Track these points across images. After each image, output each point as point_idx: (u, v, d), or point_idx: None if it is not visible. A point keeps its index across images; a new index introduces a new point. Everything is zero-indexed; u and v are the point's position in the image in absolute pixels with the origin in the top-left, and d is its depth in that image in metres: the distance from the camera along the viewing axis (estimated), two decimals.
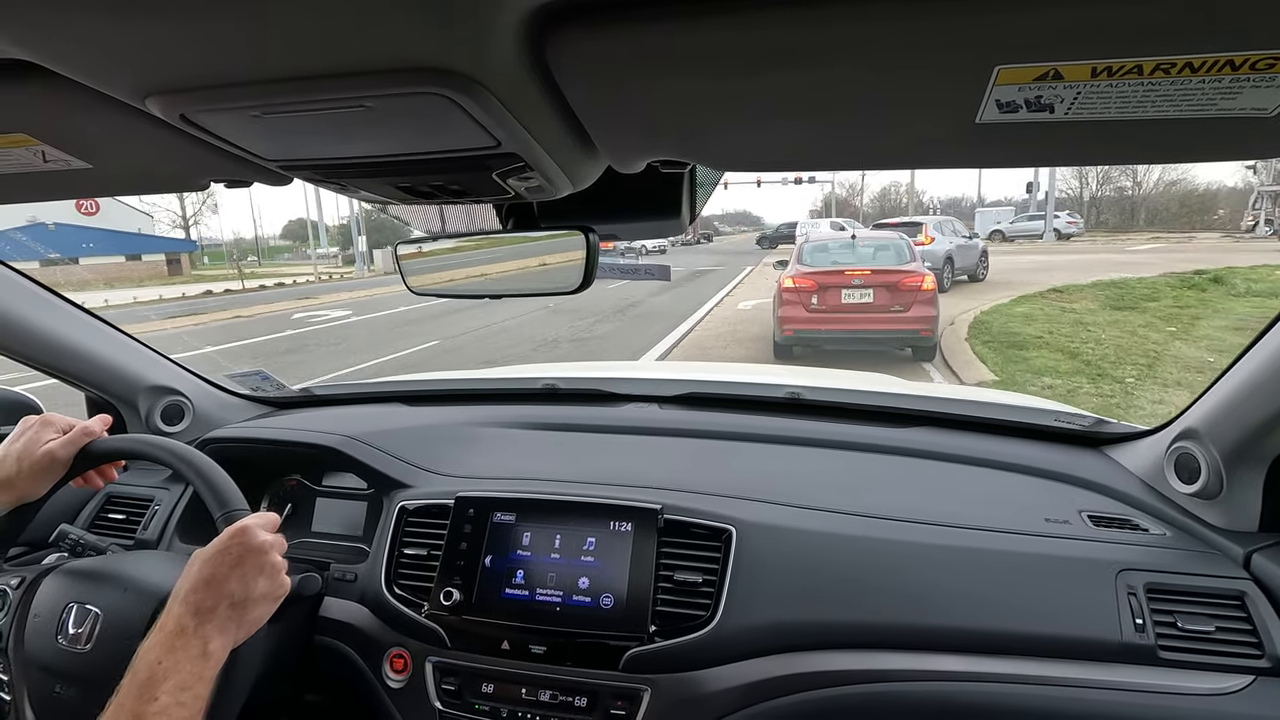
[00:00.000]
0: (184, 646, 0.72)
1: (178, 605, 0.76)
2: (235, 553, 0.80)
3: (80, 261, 26.77)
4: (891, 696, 0.95)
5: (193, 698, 0.70)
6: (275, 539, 0.85)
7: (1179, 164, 33.22)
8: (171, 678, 0.70)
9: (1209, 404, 1.05)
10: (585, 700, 1.00)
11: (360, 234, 30.01)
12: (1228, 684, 0.89)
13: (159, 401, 1.49)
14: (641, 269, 1.84)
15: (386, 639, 1.11)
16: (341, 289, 20.41)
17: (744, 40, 0.42)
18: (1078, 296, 11.23)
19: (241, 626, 0.79)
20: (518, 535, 1.10)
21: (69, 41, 0.42)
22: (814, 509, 1.11)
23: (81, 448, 0.97)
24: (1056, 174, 32.04)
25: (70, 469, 0.97)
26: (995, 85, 0.44)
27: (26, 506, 0.98)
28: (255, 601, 0.80)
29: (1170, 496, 1.12)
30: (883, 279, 6.95)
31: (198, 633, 0.74)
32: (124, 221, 31.34)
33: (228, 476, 0.94)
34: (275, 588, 0.82)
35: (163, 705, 0.68)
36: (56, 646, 0.91)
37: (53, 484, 0.97)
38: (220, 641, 0.75)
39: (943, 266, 12.19)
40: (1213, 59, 0.40)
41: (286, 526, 1.37)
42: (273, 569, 0.82)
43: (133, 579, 0.97)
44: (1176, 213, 40.82)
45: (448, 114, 0.48)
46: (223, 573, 0.78)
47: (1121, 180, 44.14)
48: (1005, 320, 9.20)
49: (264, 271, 31.92)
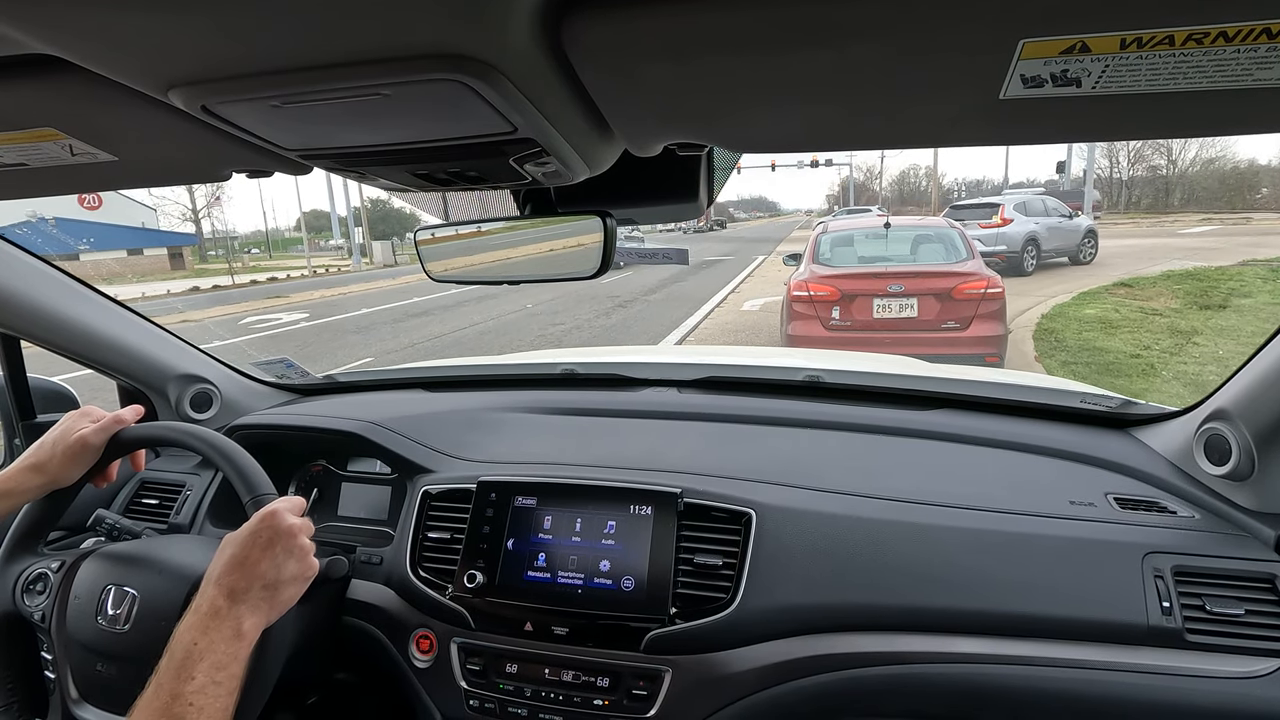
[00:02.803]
0: (218, 627, 0.75)
1: (211, 588, 0.78)
2: (265, 536, 0.82)
3: (81, 257, 26.46)
4: (912, 678, 0.95)
5: (228, 676, 0.73)
6: (303, 522, 0.87)
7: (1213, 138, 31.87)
8: (207, 657, 0.72)
9: (1240, 384, 1.02)
10: (607, 680, 1.01)
11: (356, 226, 29.68)
12: (1257, 667, 0.88)
13: (188, 389, 1.52)
14: (659, 253, 1.83)
15: (412, 620, 1.14)
16: (327, 285, 19.66)
17: (764, 19, 0.41)
18: (1152, 292, 9.19)
19: (274, 607, 0.81)
20: (539, 519, 1.12)
21: (93, 36, 0.42)
22: (834, 492, 1.11)
23: (113, 435, 1.00)
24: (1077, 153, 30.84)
25: (103, 455, 1.00)
26: (1020, 60, 0.43)
27: (61, 493, 1.01)
28: (286, 583, 0.82)
29: (1199, 478, 1.10)
30: (930, 284, 5.01)
31: (231, 613, 0.76)
32: (127, 215, 31.07)
33: (255, 462, 0.96)
34: (305, 569, 0.84)
35: (200, 684, 0.70)
36: (97, 626, 0.94)
37: (85, 470, 1.00)
38: (253, 621, 0.78)
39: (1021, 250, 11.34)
40: (1248, 27, 0.38)
41: (313, 511, 1.39)
42: (302, 551, 0.84)
43: (167, 563, 1.00)
44: (1216, 191, 38.42)
45: (464, 100, 0.48)
46: (254, 556, 0.80)
47: (1155, 159, 41.81)
48: (1078, 329, 7.22)
49: (267, 265, 31.46)
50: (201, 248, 38.26)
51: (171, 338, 1.53)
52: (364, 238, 32.26)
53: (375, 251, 30.09)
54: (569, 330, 9.34)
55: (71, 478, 0.99)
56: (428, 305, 12.75)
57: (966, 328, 4.91)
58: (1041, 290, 9.98)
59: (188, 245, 35.40)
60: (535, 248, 0.94)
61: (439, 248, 0.99)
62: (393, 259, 29.62)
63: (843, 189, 50.85)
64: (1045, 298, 9.37)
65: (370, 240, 30.88)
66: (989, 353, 4.93)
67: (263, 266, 29.83)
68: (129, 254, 31.00)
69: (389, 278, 21.38)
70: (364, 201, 34.64)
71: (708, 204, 0.96)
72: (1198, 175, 40.81)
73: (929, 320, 4.99)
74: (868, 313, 5.07)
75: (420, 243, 0.99)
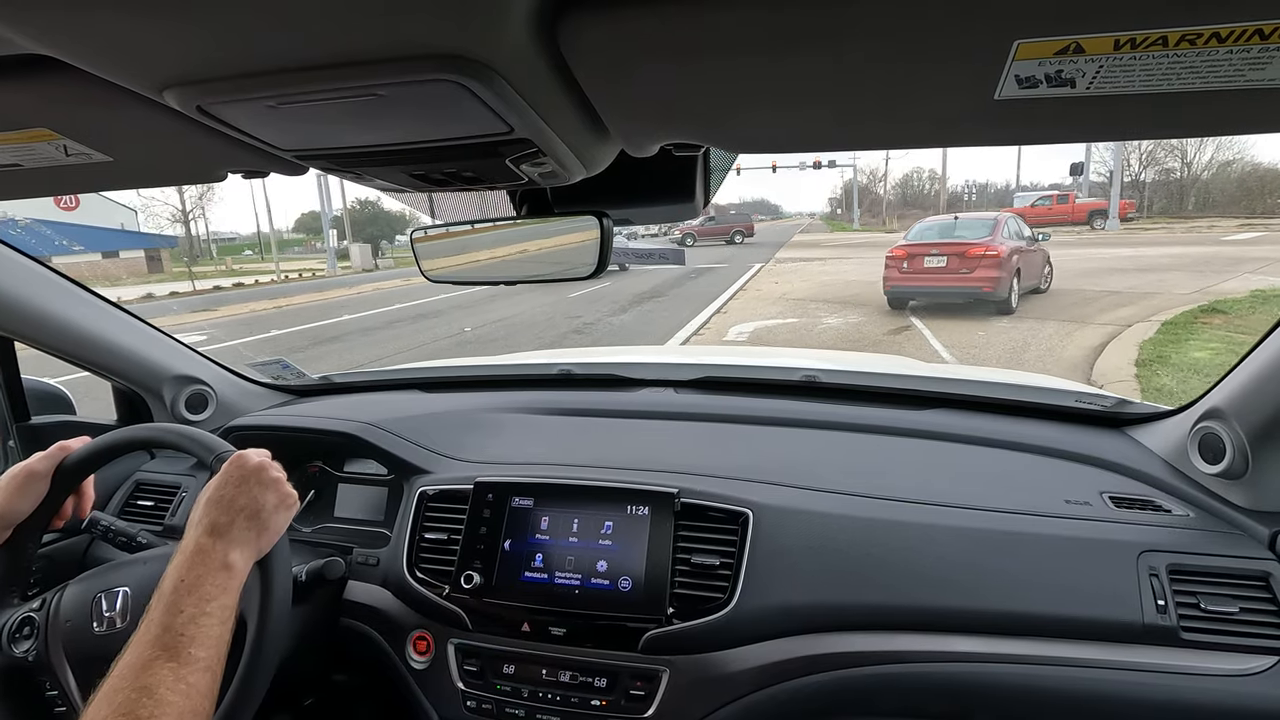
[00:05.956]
0: (204, 562, 0.75)
1: (193, 529, 0.78)
2: (236, 475, 0.83)
3: (54, 260, 25.16)
4: (909, 677, 0.95)
5: (219, 607, 0.72)
6: (270, 460, 0.88)
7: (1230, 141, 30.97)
8: (195, 591, 0.72)
9: (1234, 383, 1.03)
10: (605, 681, 1.01)
11: (332, 228, 28.53)
12: (1251, 665, 0.88)
13: (183, 391, 1.52)
14: (656, 254, 1.82)
15: (409, 621, 1.14)
16: (286, 293, 17.67)
17: (759, 21, 0.41)
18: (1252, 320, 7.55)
19: (262, 537, 0.82)
20: (536, 519, 1.12)
21: (88, 36, 0.42)
22: (831, 492, 1.11)
23: (59, 462, 0.96)
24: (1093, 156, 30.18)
25: (53, 486, 0.96)
26: (1015, 60, 0.43)
27: (21, 538, 0.95)
28: (269, 512, 0.83)
29: (1194, 477, 1.11)
30: (953, 249, 9.38)
31: (216, 548, 0.76)
32: (105, 217, 29.74)
33: (205, 431, 0.97)
34: (284, 497, 0.86)
35: (189, 615, 0.70)
36: (95, 635, 0.93)
37: (36, 502, 0.95)
38: (240, 553, 0.78)
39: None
40: (1241, 28, 0.39)
41: (309, 512, 1.39)
42: (275, 482, 0.85)
43: (150, 555, 1.00)
44: (1234, 195, 36.33)
45: (460, 101, 0.48)
46: (229, 493, 0.81)
47: (1169, 161, 39.85)
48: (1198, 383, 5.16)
49: (251, 269, 29.84)
50: (192, 249, 37.59)
51: (167, 339, 1.53)
52: (341, 240, 30.66)
53: (354, 255, 28.44)
54: None
55: (22, 511, 0.94)
56: (355, 326, 10.96)
57: (972, 272, 9.16)
58: (1106, 316, 8.54)
59: (167, 247, 34.38)
60: (533, 245, 0.94)
61: (435, 247, 0.99)
62: (373, 263, 28.15)
63: (845, 192, 50.84)
64: (1114, 324, 7.91)
65: (350, 243, 29.11)
66: (985, 286, 9.03)
67: (243, 270, 28.42)
68: (104, 257, 29.65)
69: (364, 283, 19.80)
70: (345, 203, 33.45)
71: (704, 204, 0.96)
72: (1213, 179, 39.09)
73: (952, 268, 9.33)
74: (921, 265, 9.59)
75: (416, 243, 0.99)
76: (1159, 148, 36.60)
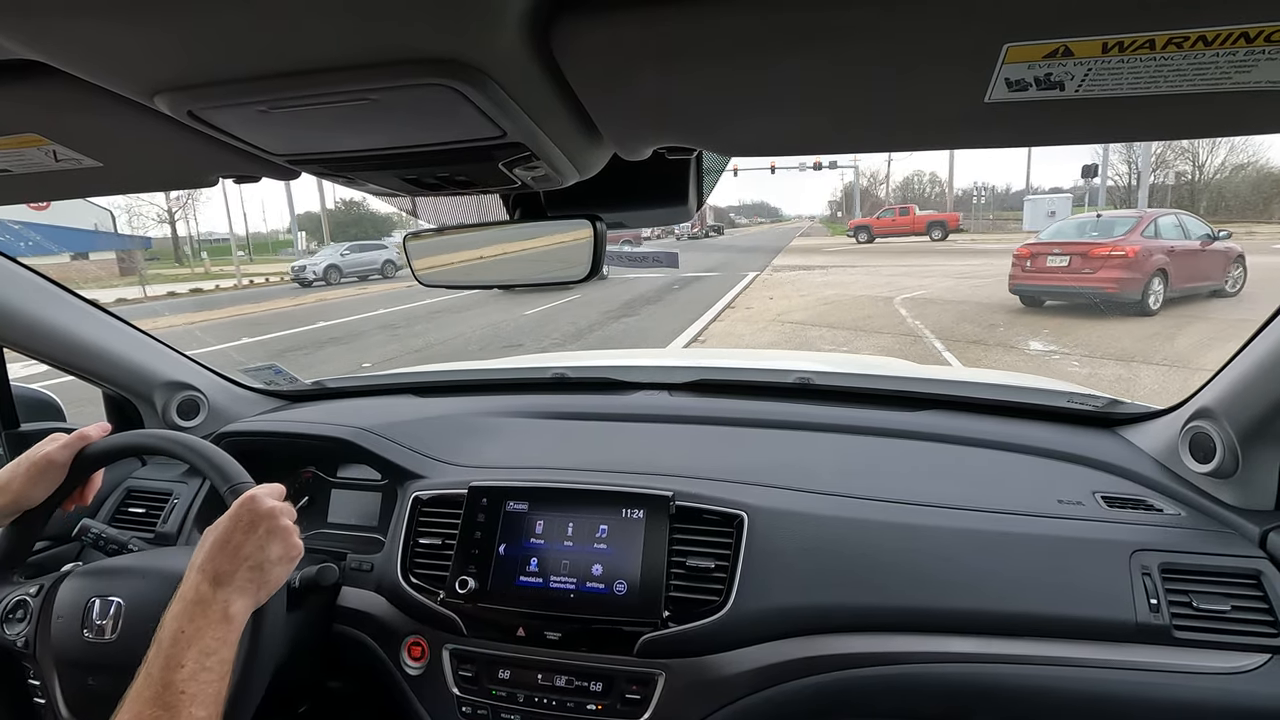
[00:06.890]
0: (204, 613, 0.73)
1: (195, 574, 0.77)
2: (246, 519, 0.81)
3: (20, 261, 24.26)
4: (904, 678, 0.95)
5: (218, 662, 0.71)
6: (283, 505, 0.86)
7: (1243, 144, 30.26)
8: (196, 644, 0.71)
9: (1224, 382, 1.04)
10: (600, 685, 1.01)
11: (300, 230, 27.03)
12: (1243, 663, 0.89)
13: (175, 397, 1.51)
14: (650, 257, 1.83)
15: (404, 627, 1.13)
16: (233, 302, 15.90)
17: (751, 24, 0.41)
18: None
19: (261, 589, 0.80)
20: (531, 524, 1.11)
21: (77, 41, 0.42)
22: (825, 494, 1.11)
23: (79, 451, 0.97)
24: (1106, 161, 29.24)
25: (70, 474, 0.97)
26: (1004, 64, 0.43)
27: (30, 519, 0.97)
28: (272, 564, 0.81)
29: (1185, 476, 1.12)
30: (1075, 249, 9.17)
31: (217, 598, 0.75)
32: (77, 218, 27.46)
33: (229, 455, 0.96)
34: (290, 549, 0.83)
35: (190, 671, 0.69)
36: (84, 641, 0.92)
37: (52, 490, 0.96)
38: (241, 604, 0.77)
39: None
40: (1227, 31, 0.39)
41: (303, 518, 1.38)
42: (285, 532, 0.83)
43: (150, 567, 0.98)
44: (1248, 199, 34.28)
45: (453, 105, 0.48)
46: (236, 539, 0.80)
47: (1179, 164, 37.80)
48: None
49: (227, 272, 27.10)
50: (177, 250, 36.83)
51: (157, 344, 1.52)
52: (312, 242, 28.84)
53: None
54: None
55: (37, 498, 0.95)
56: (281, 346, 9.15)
57: (1095, 273, 8.84)
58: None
59: (142, 249, 32.73)
60: (525, 247, 0.94)
61: (428, 249, 0.99)
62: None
63: (845, 194, 50.78)
64: None
65: (323, 246, 26.17)
66: (1109, 286, 8.70)
67: (220, 274, 26.39)
68: (73, 258, 27.46)
69: (307, 295, 17.27)
70: (323, 203, 32.39)
71: (698, 207, 0.97)
72: (1226, 183, 37.07)
73: (1075, 268, 9.06)
74: (1044, 264, 9.33)
75: (409, 246, 0.99)
76: (1169, 150, 35.74)
